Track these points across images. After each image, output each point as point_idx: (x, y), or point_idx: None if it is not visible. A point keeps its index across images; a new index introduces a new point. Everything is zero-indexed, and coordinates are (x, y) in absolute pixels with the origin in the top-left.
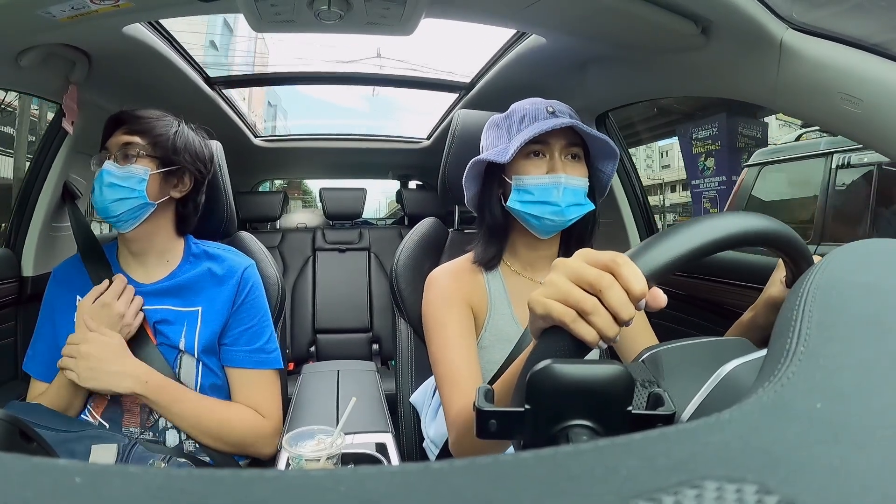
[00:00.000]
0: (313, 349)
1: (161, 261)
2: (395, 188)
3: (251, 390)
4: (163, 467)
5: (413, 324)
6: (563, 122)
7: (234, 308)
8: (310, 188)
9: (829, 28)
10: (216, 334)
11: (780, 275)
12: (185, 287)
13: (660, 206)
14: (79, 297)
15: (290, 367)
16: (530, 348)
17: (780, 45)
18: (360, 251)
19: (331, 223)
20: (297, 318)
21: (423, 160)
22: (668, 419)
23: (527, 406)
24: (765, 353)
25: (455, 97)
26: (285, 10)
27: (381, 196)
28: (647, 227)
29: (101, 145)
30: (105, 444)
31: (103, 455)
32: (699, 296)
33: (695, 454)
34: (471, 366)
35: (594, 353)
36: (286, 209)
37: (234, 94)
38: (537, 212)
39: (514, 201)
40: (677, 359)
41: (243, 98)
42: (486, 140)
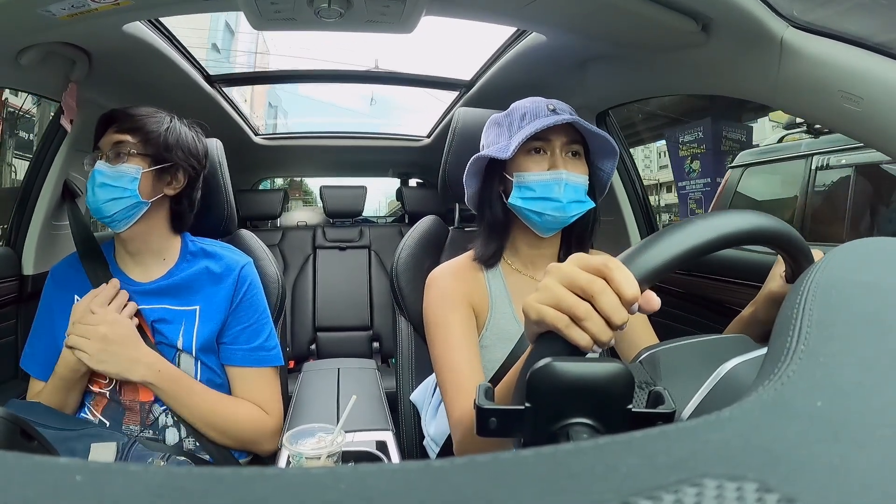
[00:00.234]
0: (314, 347)
1: (158, 259)
2: (394, 188)
3: (252, 388)
4: (162, 465)
5: (413, 322)
6: (564, 118)
7: (232, 306)
8: (311, 189)
9: (831, 27)
10: (214, 333)
11: (779, 269)
12: (183, 286)
13: (655, 206)
14: (76, 297)
15: (291, 366)
16: (528, 351)
17: (781, 43)
18: (360, 249)
19: (331, 221)
20: (298, 316)
21: (424, 158)
22: (668, 417)
23: (527, 404)
24: (765, 351)
25: (455, 95)
26: (285, 8)
27: (382, 196)
28: (648, 226)
29: (93, 145)
30: (104, 443)
31: (103, 453)
32: (699, 293)
33: (695, 452)
34: (473, 367)
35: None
36: (286, 207)
37: (236, 95)
38: (539, 208)
39: (515, 198)
40: (676, 359)
41: (245, 100)
42: (486, 138)
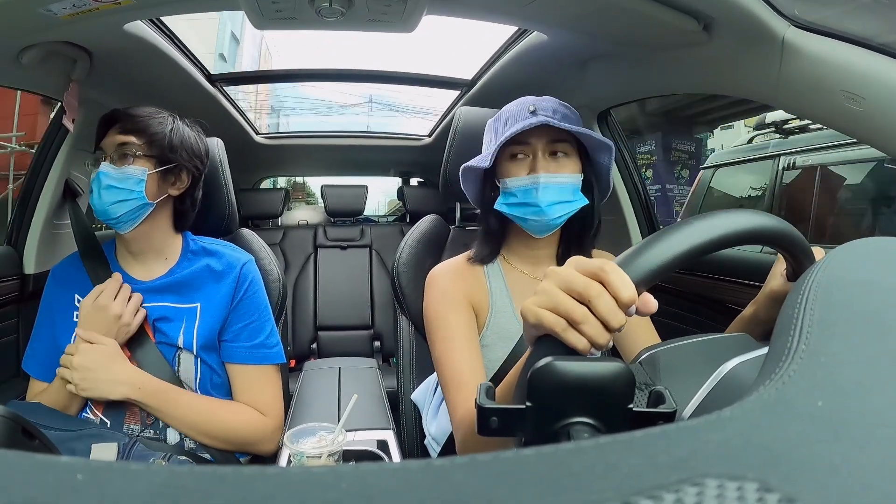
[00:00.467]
0: (315, 346)
1: (160, 258)
2: (394, 187)
3: (252, 387)
4: (163, 465)
5: (414, 321)
6: (537, 120)
7: (233, 304)
8: (312, 190)
9: (832, 27)
10: (215, 331)
11: (780, 268)
12: (184, 283)
13: None
14: (77, 296)
15: (292, 364)
16: (528, 352)
17: (782, 43)
18: (361, 248)
19: (332, 220)
20: (299, 315)
21: (425, 157)
22: (669, 417)
23: (528, 403)
24: (766, 350)
25: (457, 94)
26: (287, 8)
27: (382, 195)
28: (650, 225)
29: (95, 145)
30: (105, 443)
31: (103, 454)
32: (699, 293)
33: (696, 452)
34: (475, 367)
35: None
36: (288, 207)
37: (240, 98)
38: (520, 213)
39: (500, 204)
40: (676, 359)
41: (250, 106)
42: (485, 143)
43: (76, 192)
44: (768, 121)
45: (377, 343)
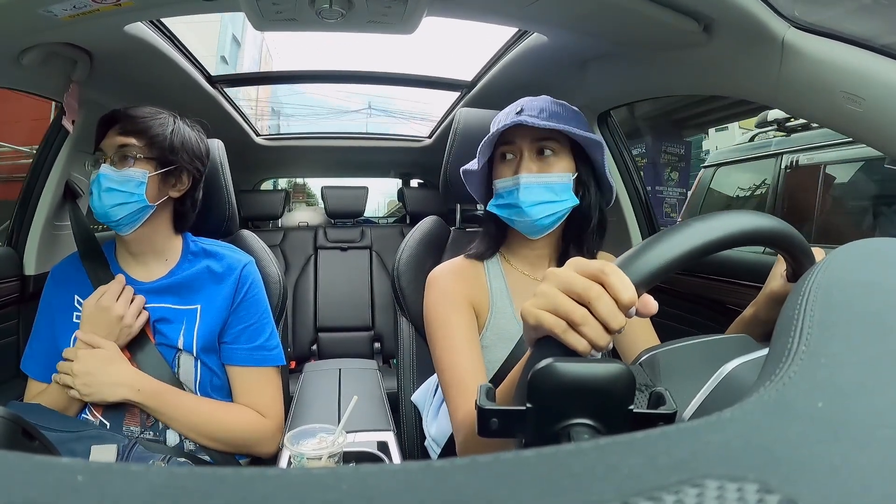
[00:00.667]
0: (315, 348)
1: (160, 259)
2: (394, 187)
3: (252, 389)
4: (163, 466)
5: (415, 322)
6: (512, 121)
7: (233, 306)
8: (313, 191)
9: (832, 28)
10: (215, 333)
11: (780, 269)
12: (184, 285)
13: None
14: (77, 297)
15: (293, 366)
16: (528, 354)
17: (782, 44)
18: (361, 249)
19: (332, 222)
20: (299, 316)
21: (425, 158)
22: (669, 418)
23: (528, 404)
24: (766, 351)
25: (457, 96)
26: (287, 9)
27: (381, 196)
28: (650, 226)
29: (94, 146)
30: (105, 445)
31: (103, 455)
32: (700, 294)
33: (696, 453)
34: (476, 368)
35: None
36: (289, 208)
37: (241, 101)
38: (506, 214)
39: (491, 205)
40: (676, 360)
41: (251, 108)
42: None
43: (76, 193)
44: (770, 118)
45: (377, 344)
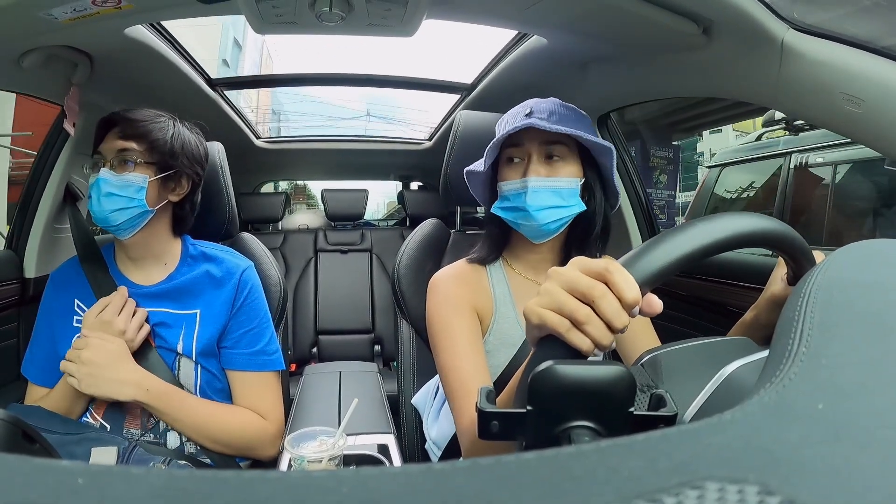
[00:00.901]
0: (315, 350)
1: (159, 263)
2: (393, 189)
3: (253, 393)
4: (163, 469)
5: (415, 325)
6: (522, 123)
7: (233, 311)
8: (313, 193)
9: (832, 30)
10: (215, 337)
11: (781, 272)
12: (184, 290)
13: None
14: (77, 301)
15: (293, 369)
16: (530, 354)
17: (782, 45)
18: (361, 252)
19: (332, 224)
20: (300, 319)
21: (425, 161)
22: (670, 420)
23: (529, 407)
24: (766, 353)
25: (457, 98)
26: (287, 12)
27: (381, 197)
28: (649, 227)
29: (93, 149)
30: (105, 448)
31: (103, 458)
32: (700, 296)
33: (697, 455)
34: (480, 373)
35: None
36: (290, 210)
37: (241, 103)
38: (512, 217)
39: (496, 208)
40: (677, 361)
41: (252, 109)
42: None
43: (77, 196)
44: (777, 116)
45: (378, 347)
